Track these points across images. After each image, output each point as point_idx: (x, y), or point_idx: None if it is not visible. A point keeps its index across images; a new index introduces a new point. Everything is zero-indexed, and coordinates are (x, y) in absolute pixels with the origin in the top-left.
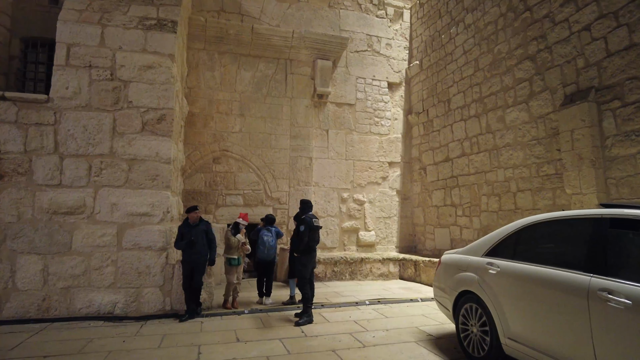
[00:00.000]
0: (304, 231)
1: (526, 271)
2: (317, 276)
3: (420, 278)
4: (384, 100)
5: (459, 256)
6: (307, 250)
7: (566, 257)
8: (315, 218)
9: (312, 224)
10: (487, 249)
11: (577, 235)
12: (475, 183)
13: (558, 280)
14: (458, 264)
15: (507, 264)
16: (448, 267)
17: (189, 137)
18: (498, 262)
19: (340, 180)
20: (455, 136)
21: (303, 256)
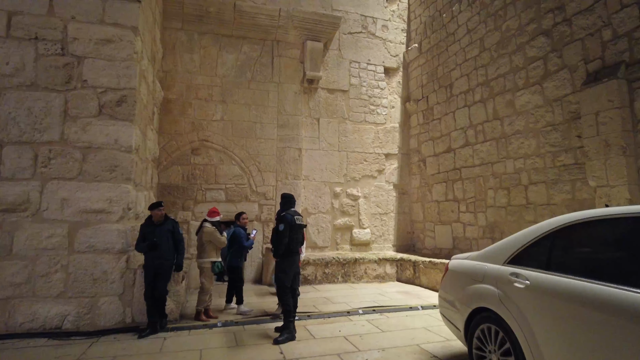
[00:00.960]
0: (284, 231)
1: (570, 288)
2: (307, 279)
3: (419, 280)
4: (380, 87)
5: (473, 263)
6: (288, 253)
7: (632, 269)
8: (299, 215)
9: (293, 222)
10: (510, 255)
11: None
12: (480, 175)
13: (619, 301)
14: (471, 273)
15: (541, 276)
16: (458, 276)
17: (165, 126)
18: (527, 273)
19: (333, 174)
20: (458, 124)
21: (283, 260)
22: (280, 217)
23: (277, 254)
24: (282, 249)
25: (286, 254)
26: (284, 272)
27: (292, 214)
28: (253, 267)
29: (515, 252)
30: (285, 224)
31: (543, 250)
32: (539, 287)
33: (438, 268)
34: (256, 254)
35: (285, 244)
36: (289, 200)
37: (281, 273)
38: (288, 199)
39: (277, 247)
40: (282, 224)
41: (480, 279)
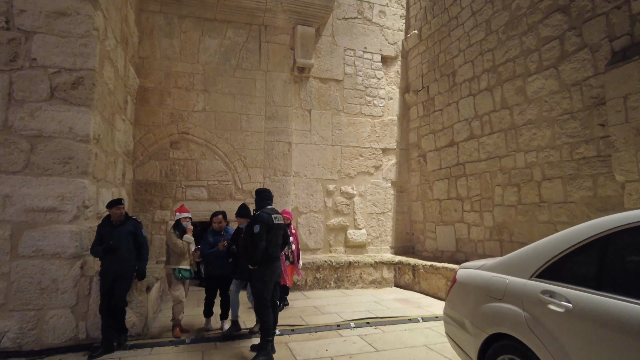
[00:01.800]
0: (260, 233)
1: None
2: (296, 285)
3: (419, 286)
4: (377, 77)
5: (488, 275)
6: (267, 259)
7: None
8: (277, 213)
9: (270, 221)
10: (540, 266)
11: None
12: (487, 171)
13: None
14: (487, 288)
15: (590, 298)
16: (470, 290)
17: (141, 117)
18: (567, 293)
19: (326, 170)
20: (461, 115)
21: (261, 269)
22: (255, 216)
23: (254, 261)
24: (259, 254)
25: (265, 260)
26: (263, 282)
27: (268, 212)
28: None
29: (547, 263)
30: (261, 225)
31: (589, 261)
32: (588, 314)
33: (440, 273)
34: None
35: (262, 249)
36: (265, 196)
37: (259, 283)
38: (263, 195)
39: (253, 253)
40: (258, 225)
41: (500, 296)
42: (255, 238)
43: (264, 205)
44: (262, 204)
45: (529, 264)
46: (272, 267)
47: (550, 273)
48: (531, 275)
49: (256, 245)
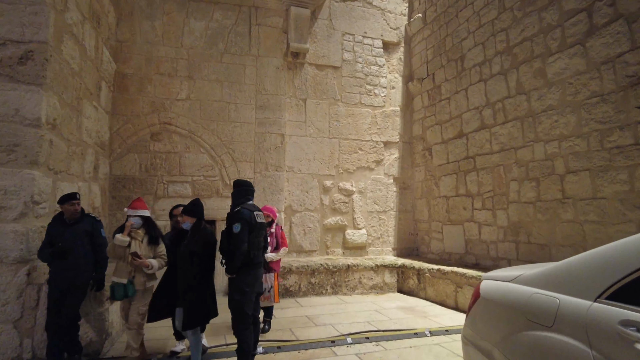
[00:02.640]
0: (240, 233)
1: None
2: (288, 290)
3: (425, 292)
4: (378, 64)
5: (528, 291)
6: (248, 265)
7: None
8: (259, 210)
9: (252, 219)
10: (614, 283)
11: None
12: (500, 164)
13: None
14: (528, 309)
15: None
16: (500, 310)
17: (119, 106)
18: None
19: (322, 165)
20: (471, 103)
21: (240, 277)
22: (234, 213)
23: (233, 268)
24: (239, 259)
25: (246, 266)
26: (243, 293)
27: (249, 209)
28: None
29: (625, 279)
30: (242, 224)
31: None
32: None
33: (448, 278)
34: None
35: (243, 252)
36: (245, 190)
37: (238, 295)
38: (243, 188)
39: (233, 258)
40: (238, 224)
41: (548, 322)
42: (236, 240)
43: (244, 201)
44: (242, 199)
45: (594, 278)
46: (254, 274)
47: (630, 294)
48: (598, 295)
49: (236, 249)
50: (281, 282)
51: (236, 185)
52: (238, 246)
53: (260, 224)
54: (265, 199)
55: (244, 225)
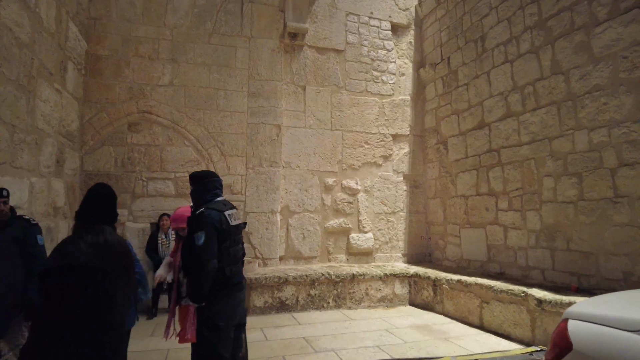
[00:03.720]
0: (205, 245)
1: None
2: (284, 304)
3: (442, 306)
4: (385, 48)
5: None
6: (223, 287)
7: None
8: (232, 208)
9: (222, 223)
10: None
11: None
12: (531, 158)
13: None
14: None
15: None
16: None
17: (91, 92)
18: None
19: (324, 160)
20: (494, 88)
21: (213, 305)
22: (196, 218)
23: (199, 295)
24: (207, 281)
25: (219, 289)
26: (215, 328)
27: (218, 209)
28: None
29: None
30: (207, 232)
31: None
32: None
33: (471, 291)
34: None
35: (212, 271)
36: (210, 183)
37: (211, 332)
38: (208, 181)
39: (199, 281)
40: (201, 233)
41: None
42: (202, 253)
43: (211, 198)
44: (206, 196)
45: None
46: (233, 300)
47: None
48: None
49: (201, 267)
50: (276, 294)
51: (196, 179)
52: (204, 264)
53: (236, 227)
54: (259, 198)
55: (211, 233)
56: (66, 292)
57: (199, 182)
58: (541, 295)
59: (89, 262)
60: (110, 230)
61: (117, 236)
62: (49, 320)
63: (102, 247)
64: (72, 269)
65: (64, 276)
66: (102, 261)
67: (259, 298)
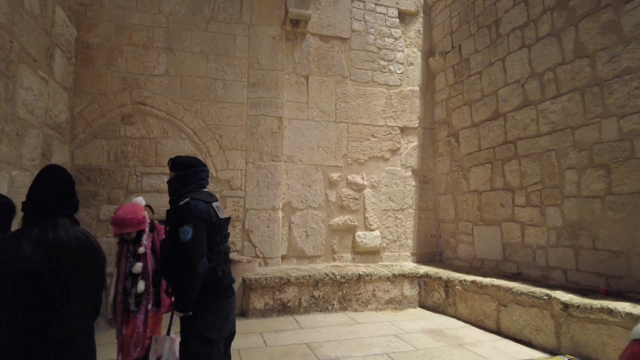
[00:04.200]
0: (193, 241)
1: None
2: (286, 306)
3: (455, 308)
4: (393, 36)
5: None
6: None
7: None
8: (217, 200)
9: (212, 216)
10: None
11: None
12: (551, 149)
13: None
14: None
15: None
16: None
17: (82, 82)
18: None
19: (328, 154)
20: (510, 76)
21: (202, 314)
22: (181, 208)
23: (187, 302)
24: (196, 285)
25: (208, 296)
26: (207, 342)
27: (204, 200)
28: None
29: None
30: (195, 225)
31: None
32: None
33: (487, 293)
34: None
35: (202, 273)
36: (197, 171)
37: (198, 345)
38: (193, 170)
39: (187, 285)
40: (188, 226)
41: None
42: (190, 251)
43: (196, 188)
44: (190, 185)
45: None
46: (224, 307)
47: None
48: None
49: (191, 268)
50: (277, 296)
51: (181, 165)
52: (192, 264)
53: (225, 221)
54: (259, 194)
55: (200, 227)
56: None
57: (184, 169)
58: (567, 298)
59: (31, 267)
60: (66, 224)
61: (77, 230)
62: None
63: (51, 245)
64: (8, 277)
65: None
66: (50, 262)
67: (259, 300)
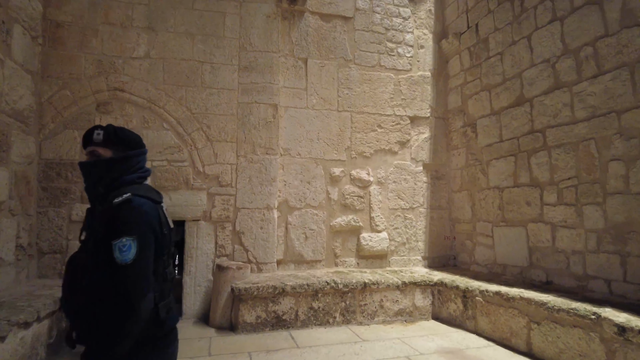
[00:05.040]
0: (139, 263)
1: None
2: (281, 319)
3: (474, 323)
4: (401, 15)
5: None
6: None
7: None
8: (161, 199)
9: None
10: None
11: None
12: (590, 137)
13: None
14: None
15: None
16: None
17: (51, 66)
18: None
19: (329, 147)
20: (537, 55)
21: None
22: (120, 208)
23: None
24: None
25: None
26: None
27: (153, 199)
28: (198, 294)
29: None
30: (143, 239)
31: None
32: None
33: (516, 307)
34: (202, 274)
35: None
36: (143, 153)
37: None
38: (138, 152)
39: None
40: (130, 239)
41: None
42: (130, 280)
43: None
44: (129, 174)
45: None
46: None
47: None
48: None
49: (131, 309)
50: (270, 307)
51: (124, 140)
52: (133, 303)
53: (175, 232)
54: (252, 191)
55: (147, 242)
56: None
57: (130, 147)
58: (622, 320)
59: None
60: None
61: None
62: None
63: None
64: None
65: None
66: None
67: (250, 312)
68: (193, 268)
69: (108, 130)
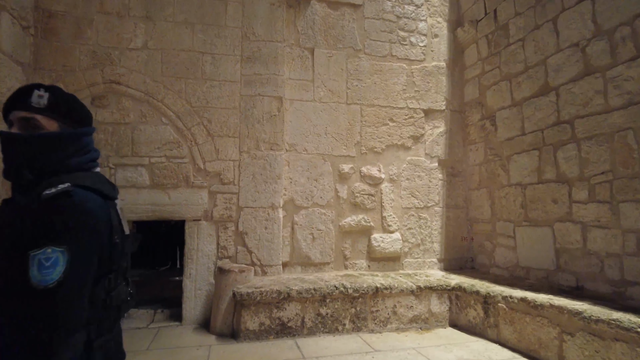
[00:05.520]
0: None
1: None
2: (286, 326)
3: (497, 332)
4: (414, 3)
5: None
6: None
7: None
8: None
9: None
10: None
11: None
12: (627, 127)
13: None
14: None
15: None
16: None
17: (44, 57)
18: None
19: (338, 142)
20: (564, 39)
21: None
22: (52, 202)
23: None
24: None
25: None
26: None
27: (105, 192)
28: (198, 298)
29: None
30: (79, 249)
31: None
32: None
33: (545, 316)
34: (203, 277)
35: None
36: (88, 133)
37: None
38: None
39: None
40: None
41: None
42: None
43: (86, 166)
44: (75, 157)
45: None
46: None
47: None
48: None
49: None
50: (275, 314)
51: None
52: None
53: (132, 239)
54: (256, 189)
55: (86, 253)
56: None
57: (79, 121)
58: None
59: None
60: None
61: None
62: None
63: None
64: None
65: None
66: None
67: (253, 319)
68: (193, 271)
69: (56, 94)
